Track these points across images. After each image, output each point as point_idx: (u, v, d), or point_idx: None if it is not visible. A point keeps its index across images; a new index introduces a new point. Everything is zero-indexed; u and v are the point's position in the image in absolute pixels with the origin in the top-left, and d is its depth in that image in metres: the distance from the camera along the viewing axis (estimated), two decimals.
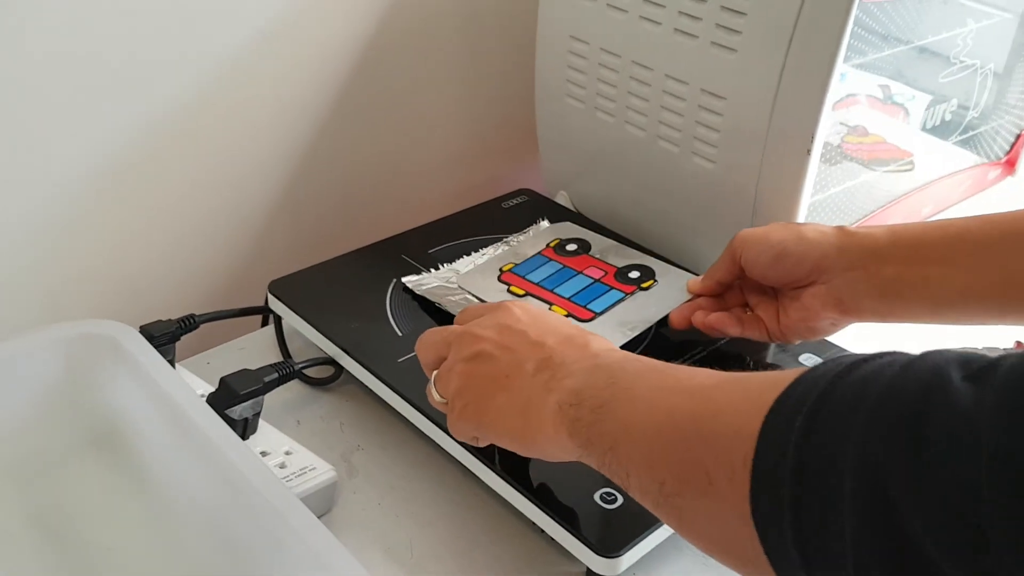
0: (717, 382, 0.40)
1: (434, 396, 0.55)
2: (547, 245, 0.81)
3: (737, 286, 0.68)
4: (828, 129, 0.70)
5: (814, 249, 0.60)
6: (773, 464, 0.34)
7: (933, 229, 0.58)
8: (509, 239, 0.82)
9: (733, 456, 0.35)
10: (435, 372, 0.55)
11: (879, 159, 0.85)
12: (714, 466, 0.37)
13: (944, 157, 0.91)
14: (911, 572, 0.29)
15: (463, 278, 0.76)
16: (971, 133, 0.92)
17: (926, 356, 0.31)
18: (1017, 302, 0.55)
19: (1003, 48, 0.90)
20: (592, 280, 0.76)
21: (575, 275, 0.77)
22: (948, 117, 0.88)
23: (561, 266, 0.78)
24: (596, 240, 0.81)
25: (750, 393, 0.36)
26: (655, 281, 0.75)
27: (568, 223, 0.84)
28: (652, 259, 0.78)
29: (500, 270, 0.77)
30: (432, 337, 0.56)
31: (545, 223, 0.84)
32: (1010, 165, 0.98)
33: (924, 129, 0.87)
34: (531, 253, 0.80)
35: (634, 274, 0.76)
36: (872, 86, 0.80)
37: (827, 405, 0.32)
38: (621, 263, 0.78)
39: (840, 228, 0.61)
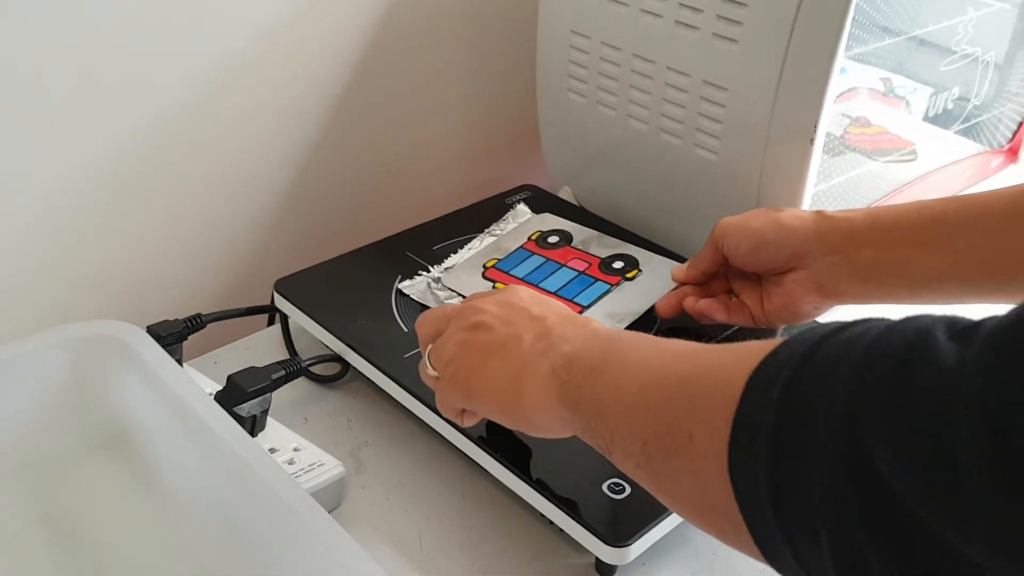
0: (708, 347, 0.40)
1: (427, 370, 0.54)
2: (528, 238, 0.81)
3: (722, 273, 0.68)
4: (830, 120, 0.70)
5: (793, 235, 0.60)
6: (753, 420, 0.34)
7: (911, 211, 0.58)
8: (491, 228, 0.82)
9: (715, 414, 0.35)
10: (430, 346, 0.55)
11: (882, 149, 0.85)
12: (696, 424, 0.37)
13: (946, 146, 0.91)
14: (887, 522, 0.29)
15: (447, 276, 0.76)
16: (973, 122, 0.92)
17: (912, 318, 0.31)
18: (995, 281, 0.55)
19: (1003, 37, 0.90)
20: (577, 273, 0.76)
21: (559, 268, 0.77)
22: (950, 106, 0.88)
23: (544, 260, 0.78)
24: (577, 230, 0.81)
25: (738, 355, 0.36)
26: (639, 271, 0.75)
27: (548, 214, 0.84)
28: (633, 247, 0.79)
29: (484, 266, 0.77)
30: (432, 314, 0.56)
31: (522, 207, 0.84)
32: (1012, 153, 0.98)
33: (926, 118, 0.87)
34: (513, 247, 0.80)
35: (618, 264, 0.76)
36: (874, 79, 0.80)
37: (811, 363, 0.32)
38: (604, 253, 0.78)
39: (818, 213, 0.61)
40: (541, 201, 0.88)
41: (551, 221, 0.83)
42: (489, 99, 0.99)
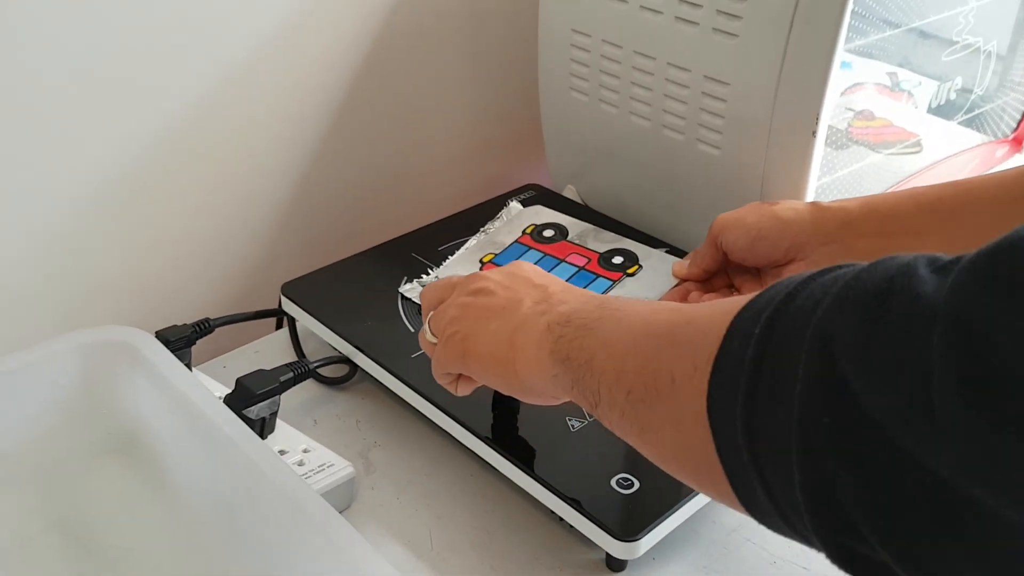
0: (702, 303, 0.40)
1: (426, 336, 0.55)
2: (523, 232, 0.81)
3: (722, 268, 0.68)
4: (834, 114, 0.70)
5: (789, 228, 0.61)
6: (733, 357, 0.33)
7: (906, 199, 0.59)
8: (486, 227, 0.82)
9: (698, 355, 0.35)
10: (431, 313, 0.55)
11: (886, 141, 0.85)
12: (679, 367, 0.37)
13: (951, 137, 0.91)
14: (858, 443, 0.28)
15: (443, 271, 0.76)
16: (976, 112, 0.92)
17: (895, 256, 0.31)
18: None
19: (1005, 27, 0.90)
20: (577, 268, 0.76)
21: (559, 263, 0.77)
22: (952, 96, 0.88)
23: (542, 254, 0.78)
24: (572, 224, 0.81)
25: (726, 305, 0.36)
26: (640, 266, 0.76)
27: (541, 207, 0.84)
28: (630, 241, 0.79)
29: (481, 262, 0.77)
30: (437, 283, 0.57)
31: (516, 204, 0.84)
32: (1017, 143, 0.98)
33: (929, 109, 0.87)
34: (509, 241, 0.80)
35: (617, 259, 0.77)
36: (881, 74, 0.80)
37: (794, 300, 0.32)
38: (602, 248, 0.78)
39: (814, 204, 0.62)
40: (545, 200, 0.88)
41: (545, 214, 0.83)
42: (491, 100, 0.99)
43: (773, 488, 0.32)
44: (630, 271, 0.75)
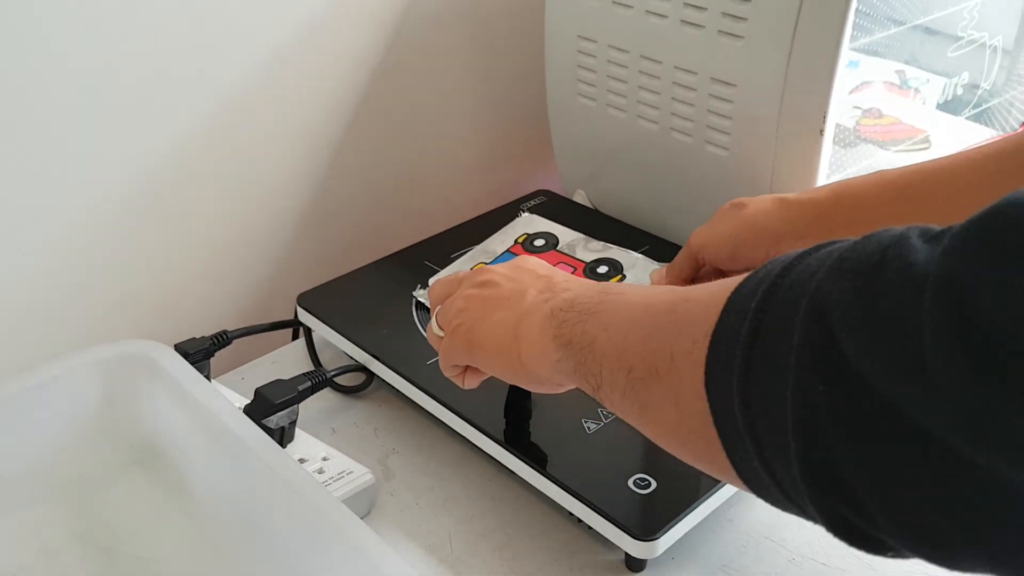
0: (702, 284, 0.41)
1: (434, 329, 0.55)
2: (516, 241, 0.81)
3: (700, 275, 0.67)
4: (843, 113, 0.70)
5: (763, 232, 0.61)
6: (730, 330, 0.34)
7: (873, 185, 0.59)
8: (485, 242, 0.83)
9: (696, 330, 0.36)
10: (439, 308, 0.56)
11: (894, 139, 0.85)
12: (678, 344, 0.37)
13: (960, 133, 0.91)
14: (853, 407, 0.29)
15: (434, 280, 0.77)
16: (984, 107, 0.92)
17: (888, 228, 0.31)
18: None
19: (1011, 21, 0.90)
20: None
21: None
22: (959, 92, 0.88)
23: None
24: (563, 233, 0.82)
25: (725, 282, 0.36)
26: (623, 276, 0.76)
27: (535, 216, 0.84)
28: (618, 249, 0.79)
29: (472, 269, 0.78)
30: (444, 279, 0.58)
31: (527, 215, 0.85)
32: None
33: (936, 105, 0.87)
34: (500, 251, 0.80)
35: (602, 269, 0.77)
36: (889, 72, 0.80)
37: (791, 273, 0.33)
38: (589, 258, 0.79)
39: (780, 200, 0.61)
40: (555, 205, 0.89)
41: (538, 223, 0.84)
42: (500, 107, 1.00)
43: (769, 459, 0.32)
44: (614, 281, 0.76)
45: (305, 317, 0.77)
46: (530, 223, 0.84)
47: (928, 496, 0.28)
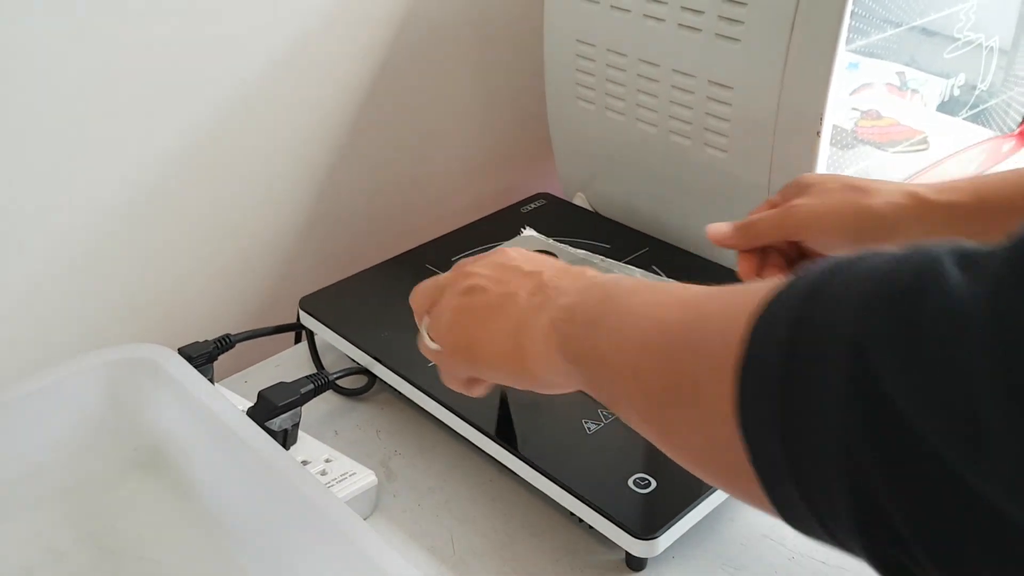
0: (710, 292, 0.38)
1: (426, 343, 0.52)
2: None
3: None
4: (841, 114, 0.71)
5: (897, 231, 0.55)
6: (760, 363, 0.32)
7: (1016, 185, 0.54)
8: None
9: (720, 360, 0.33)
10: (426, 319, 0.53)
11: (893, 140, 0.86)
12: (701, 373, 0.35)
13: (958, 133, 0.92)
14: (903, 461, 0.27)
15: None
16: (981, 108, 0.92)
17: (918, 248, 0.29)
18: None
19: (1008, 22, 0.90)
20: None
21: None
22: (956, 93, 0.88)
23: None
24: (562, 252, 0.80)
25: (740, 298, 0.34)
26: None
27: (534, 235, 0.83)
28: (617, 264, 0.78)
29: (452, 272, 0.77)
30: (424, 285, 0.54)
31: (530, 231, 0.83)
32: (1023, 138, 0.98)
33: (935, 106, 0.87)
34: None
35: None
36: (889, 74, 0.81)
37: (818, 299, 0.30)
38: None
39: (915, 196, 0.55)
40: (556, 208, 0.90)
41: (535, 242, 0.81)
42: (500, 111, 1.01)
43: (815, 502, 0.30)
44: None
45: (307, 320, 0.77)
46: (528, 242, 0.83)
47: (987, 562, 0.26)
